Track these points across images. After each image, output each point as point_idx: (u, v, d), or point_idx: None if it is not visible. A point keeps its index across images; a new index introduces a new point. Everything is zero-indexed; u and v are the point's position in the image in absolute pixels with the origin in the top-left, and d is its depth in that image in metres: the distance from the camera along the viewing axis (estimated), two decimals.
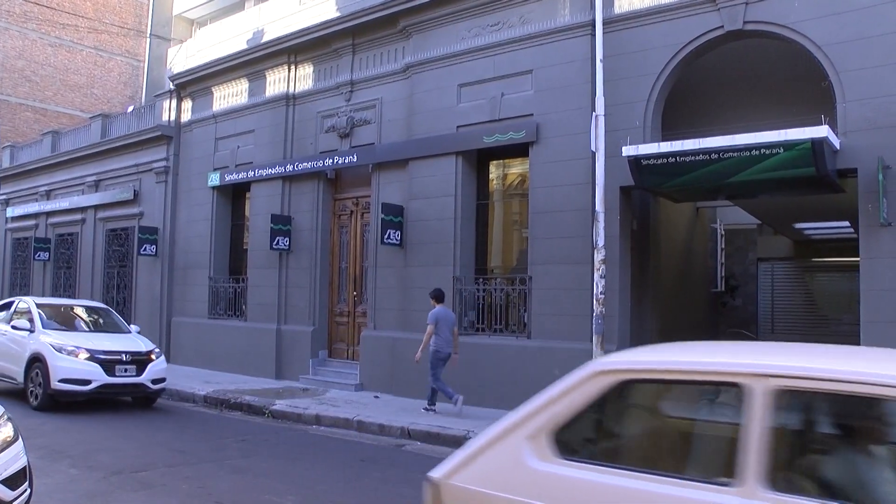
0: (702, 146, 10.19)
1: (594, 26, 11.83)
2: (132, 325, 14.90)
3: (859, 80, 9.89)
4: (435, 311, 12.12)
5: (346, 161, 15.37)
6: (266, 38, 17.49)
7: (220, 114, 18.78)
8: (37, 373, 12.36)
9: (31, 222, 26.05)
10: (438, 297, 12.37)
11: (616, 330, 11.59)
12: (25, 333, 12.94)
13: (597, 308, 11.15)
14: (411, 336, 13.54)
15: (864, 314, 9.78)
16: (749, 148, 9.83)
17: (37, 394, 12.31)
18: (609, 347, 11.25)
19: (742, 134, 9.94)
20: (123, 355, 12.57)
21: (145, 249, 19.89)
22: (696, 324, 17.43)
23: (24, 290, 22.93)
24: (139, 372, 12.64)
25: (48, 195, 25.33)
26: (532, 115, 12.68)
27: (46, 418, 11.43)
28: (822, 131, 9.30)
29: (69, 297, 23.55)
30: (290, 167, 16.46)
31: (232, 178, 18.03)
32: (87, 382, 12.14)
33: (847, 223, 18.91)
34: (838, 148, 9.86)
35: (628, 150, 10.75)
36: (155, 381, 12.92)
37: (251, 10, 19.74)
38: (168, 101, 20.55)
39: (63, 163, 24.46)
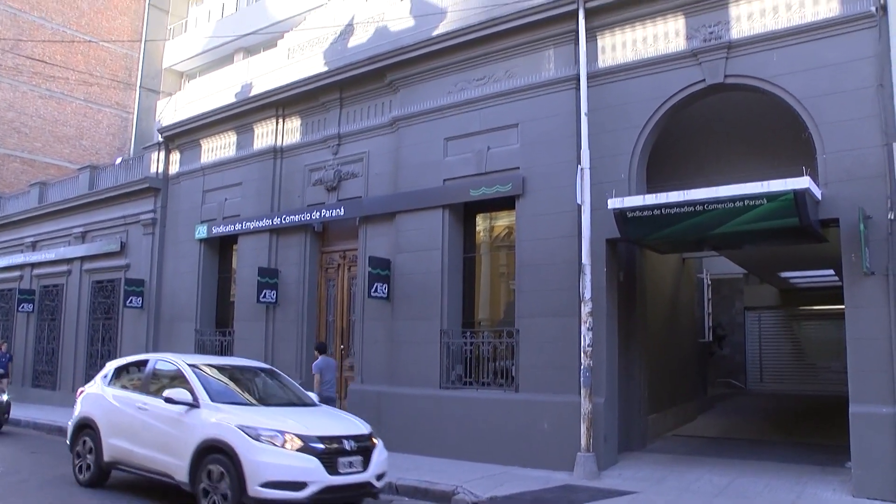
0: (686, 198, 10.27)
1: (579, 80, 12.05)
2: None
3: (837, 132, 10.07)
4: (318, 361, 13.36)
5: (334, 214, 15.40)
6: (254, 92, 17.65)
7: (208, 166, 18.85)
8: (216, 471, 8.52)
9: (16, 273, 25.83)
10: (322, 349, 13.79)
11: (604, 382, 11.54)
12: (183, 409, 9.17)
13: (584, 360, 11.13)
14: (398, 390, 13.45)
15: (851, 363, 9.80)
16: (733, 199, 9.92)
17: None
18: (597, 400, 11.23)
19: (726, 186, 10.04)
20: (346, 442, 8.84)
21: (131, 301, 19.76)
22: (684, 374, 17.39)
23: (7, 343, 22.68)
24: (365, 465, 8.93)
25: (34, 246, 25.18)
26: (518, 168, 12.78)
27: None
28: (803, 182, 9.41)
29: (53, 349, 23.34)
30: (277, 220, 16.47)
31: (219, 230, 18.01)
32: (302, 486, 8.25)
33: (832, 271, 19.06)
34: (820, 198, 9.98)
35: (614, 203, 10.83)
36: (379, 477, 9.24)
37: (240, 63, 19.97)
38: (156, 153, 20.63)
39: (50, 214, 24.38)
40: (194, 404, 9.13)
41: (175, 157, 20.18)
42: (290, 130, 16.98)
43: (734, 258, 17.68)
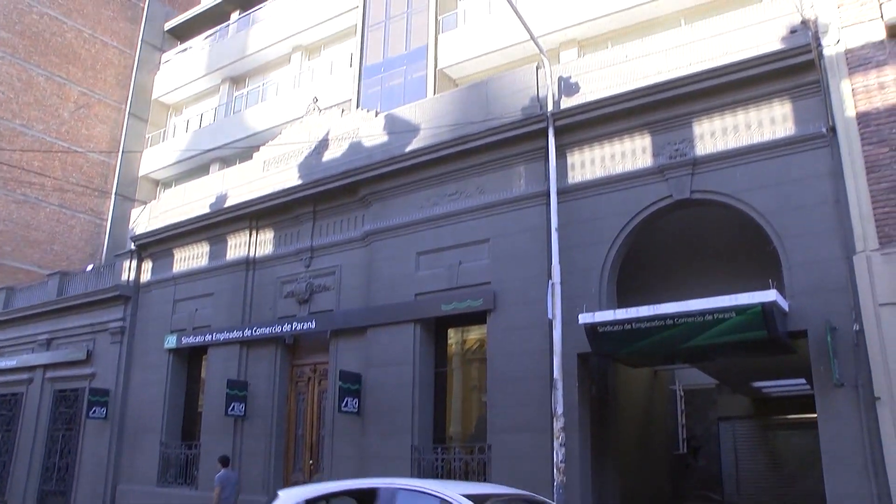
0: (656, 312, 10.39)
1: (549, 196, 12.30)
2: None
3: (801, 245, 10.36)
4: (220, 474, 13.70)
5: (305, 327, 15.31)
6: (229, 203, 17.79)
7: (179, 276, 18.76)
8: None
9: None
10: (225, 461, 14.06)
11: (578, 498, 11.32)
12: None
13: (557, 477, 10.92)
14: None
15: (829, 487, 9.70)
16: (702, 313, 10.05)
17: None
18: None
19: (695, 300, 10.19)
20: None
21: (95, 412, 19.19)
22: (659, 488, 17.09)
23: None
24: None
25: None
26: (489, 282, 12.88)
27: None
28: (770, 295, 9.59)
29: (4, 462, 22.43)
30: (248, 332, 16.32)
31: (189, 341, 17.76)
32: None
33: (803, 380, 19.09)
34: (787, 310, 10.13)
35: (584, 318, 10.90)
36: None
37: (216, 174, 20.20)
38: (128, 261, 20.52)
39: (15, 320, 23.87)
40: None
41: (147, 265, 20.09)
42: (264, 242, 17.05)
43: (706, 369, 17.68)
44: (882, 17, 10.38)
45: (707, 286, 11.98)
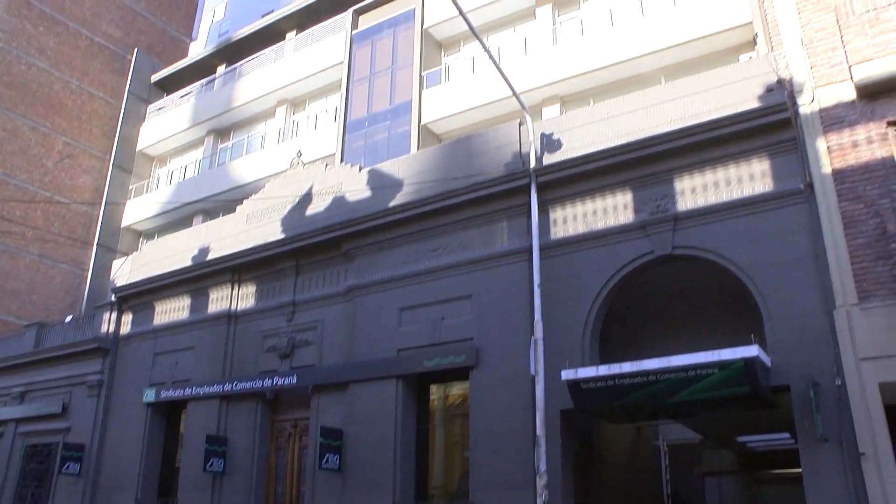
0: (639, 369, 10.36)
1: (532, 252, 12.33)
2: None
3: (782, 300, 10.42)
4: None
5: (286, 382, 15.13)
6: (212, 256, 17.73)
7: (160, 329, 18.58)
8: None
9: None
10: None
11: None
12: None
13: None
14: None
15: None
16: (685, 369, 10.04)
17: None
18: None
19: (678, 356, 10.18)
20: None
21: (68, 468, 18.74)
22: None
23: None
24: None
25: None
26: (472, 338, 12.85)
27: None
28: (752, 351, 9.59)
29: None
30: (228, 386, 16.11)
31: (168, 394, 17.51)
32: None
33: (787, 434, 19.02)
34: (770, 365, 10.13)
35: (567, 374, 10.84)
36: None
37: (199, 227, 20.13)
38: (108, 313, 20.31)
39: None
40: None
41: (127, 317, 19.88)
42: (246, 296, 16.95)
43: (690, 424, 17.59)
44: (852, 78, 10.64)
45: (690, 340, 12.01)
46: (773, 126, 11.06)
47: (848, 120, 10.70)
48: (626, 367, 10.44)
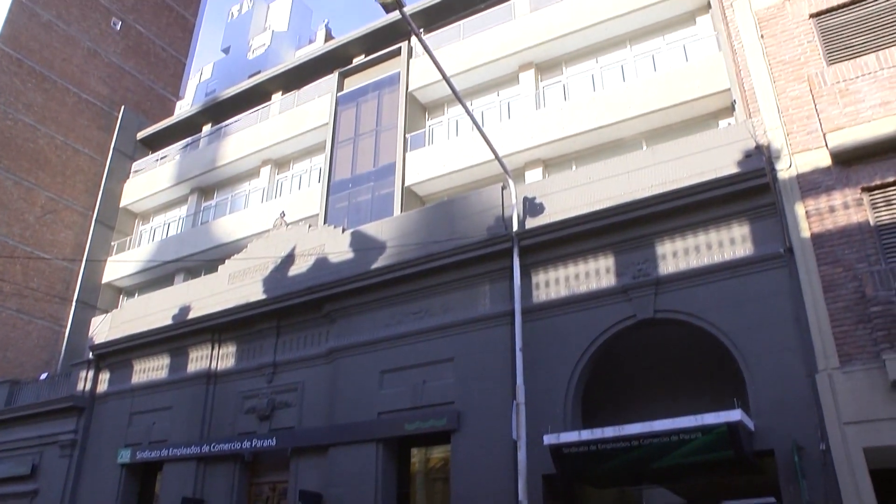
0: (622, 434, 10.30)
1: (514, 316, 12.31)
2: None
3: (764, 364, 10.42)
4: None
5: (265, 444, 14.89)
6: (192, 315, 17.59)
7: (137, 387, 18.29)
8: None
9: None
10: None
11: None
12: None
13: None
14: None
15: None
16: (668, 434, 10.00)
17: None
18: None
19: (660, 420, 10.13)
20: None
21: None
22: None
23: None
24: None
25: None
26: (453, 402, 12.74)
27: None
28: (735, 415, 9.58)
29: None
30: (206, 448, 15.80)
31: (144, 455, 17.13)
32: None
33: (773, 499, 18.79)
34: (753, 430, 10.08)
35: (549, 439, 10.76)
36: None
37: (180, 286, 20.01)
38: (85, 370, 19.98)
39: None
40: None
41: (104, 375, 19.58)
42: (226, 356, 16.78)
43: (674, 489, 17.38)
44: (827, 145, 10.87)
45: (673, 403, 11.97)
46: (752, 191, 11.23)
47: (825, 185, 10.90)
48: (609, 431, 10.38)
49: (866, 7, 11.81)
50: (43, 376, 24.01)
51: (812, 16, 12.16)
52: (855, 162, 10.76)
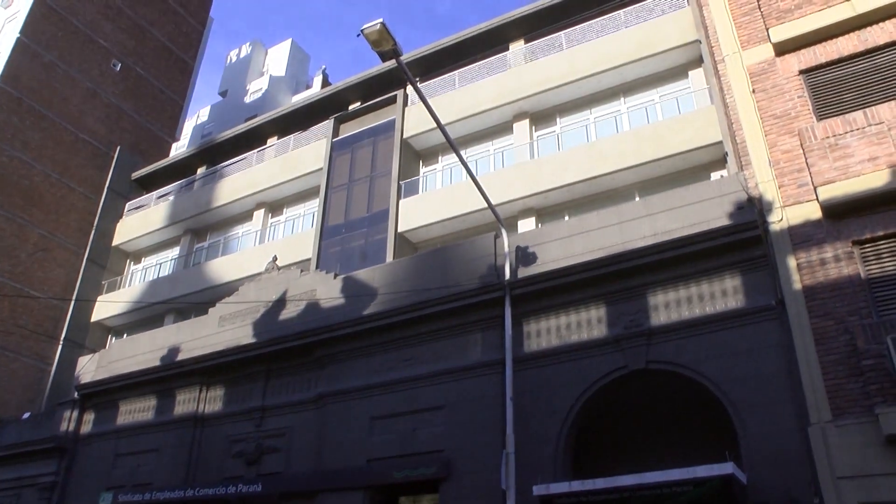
0: (613, 485, 10.19)
1: (505, 365, 12.26)
2: None
3: (756, 416, 10.36)
4: None
5: (251, 490, 14.66)
6: (181, 357, 17.45)
7: (123, 429, 18.05)
8: None
9: None
10: None
11: None
12: None
13: None
14: None
15: None
16: (660, 486, 9.90)
17: None
18: None
19: (652, 472, 10.04)
20: None
21: None
22: None
23: None
24: None
25: None
26: (443, 450, 12.62)
27: None
28: (728, 468, 9.50)
29: None
30: (191, 492, 15.52)
31: (126, 498, 16.78)
32: None
33: None
34: (746, 483, 9.97)
35: (539, 490, 10.65)
36: None
37: (169, 327, 19.86)
38: (70, 410, 19.72)
39: None
40: None
41: (89, 416, 19.32)
42: (214, 399, 16.60)
43: None
44: (817, 198, 10.98)
45: (665, 454, 11.88)
46: (744, 243, 11.30)
47: (816, 238, 10.98)
48: (600, 483, 10.28)
49: (854, 65, 12.08)
50: (25, 416, 23.65)
51: (801, 72, 12.41)
52: (845, 215, 10.87)
